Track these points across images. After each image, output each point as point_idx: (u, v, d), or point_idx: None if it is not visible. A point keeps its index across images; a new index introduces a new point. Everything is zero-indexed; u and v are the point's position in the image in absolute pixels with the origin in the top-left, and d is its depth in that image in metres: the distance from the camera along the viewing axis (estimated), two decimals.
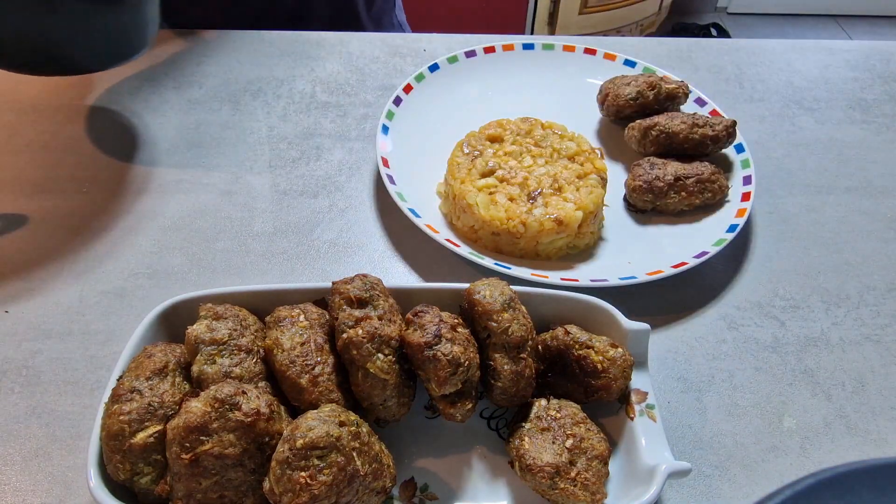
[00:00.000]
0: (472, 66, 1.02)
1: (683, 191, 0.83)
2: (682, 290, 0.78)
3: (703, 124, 0.88)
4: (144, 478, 0.52)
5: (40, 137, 0.92)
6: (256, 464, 0.52)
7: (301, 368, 0.56)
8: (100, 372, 0.68)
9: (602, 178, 0.83)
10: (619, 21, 2.98)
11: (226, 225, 0.83)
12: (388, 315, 0.59)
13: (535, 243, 0.78)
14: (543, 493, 0.56)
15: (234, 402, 0.51)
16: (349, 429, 0.51)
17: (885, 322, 0.76)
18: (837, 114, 1.04)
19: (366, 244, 0.82)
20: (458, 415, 0.57)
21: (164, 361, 0.56)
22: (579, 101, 1.00)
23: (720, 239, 0.79)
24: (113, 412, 0.53)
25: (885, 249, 0.84)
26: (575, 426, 0.58)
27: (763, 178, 0.92)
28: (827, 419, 0.68)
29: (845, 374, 0.71)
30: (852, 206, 0.90)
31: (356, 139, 0.95)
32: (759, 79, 1.10)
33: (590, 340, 0.61)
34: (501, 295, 0.60)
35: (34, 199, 0.84)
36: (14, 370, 0.68)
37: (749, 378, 0.71)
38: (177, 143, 0.93)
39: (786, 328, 0.75)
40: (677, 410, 0.68)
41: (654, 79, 0.94)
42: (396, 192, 0.81)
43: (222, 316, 0.59)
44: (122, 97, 0.99)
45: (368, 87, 1.03)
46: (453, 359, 0.55)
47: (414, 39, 1.13)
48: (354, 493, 0.51)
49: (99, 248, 0.79)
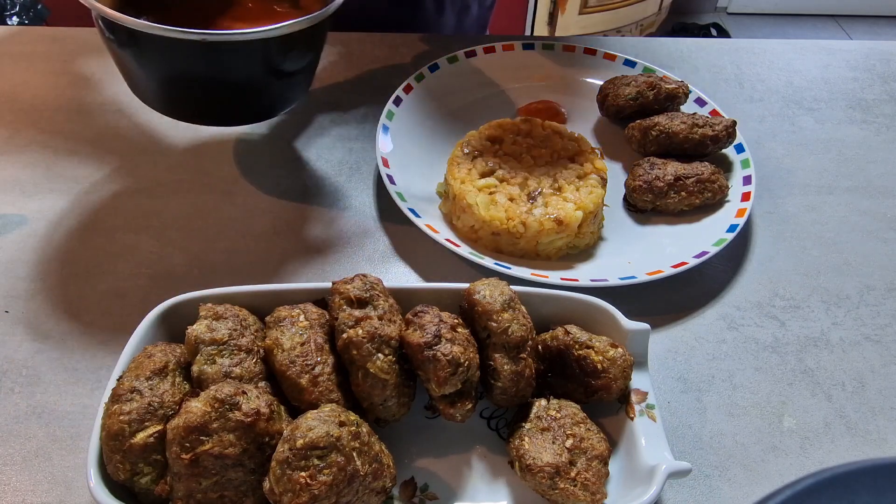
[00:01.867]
0: (472, 66, 1.02)
1: (683, 191, 0.83)
2: (682, 290, 0.78)
3: (703, 124, 0.88)
4: (144, 478, 0.52)
5: (40, 137, 0.92)
6: (256, 464, 0.52)
7: (301, 368, 0.56)
8: (100, 372, 0.68)
9: (602, 178, 0.83)
10: (619, 21, 2.98)
11: (226, 225, 0.83)
12: (388, 315, 0.59)
13: (535, 243, 0.78)
14: (543, 493, 0.56)
15: (234, 402, 0.51)
16: (349, 429, 0.51)
17: (885, 322, 0.76)
18: (837, 114, 1.04)
19: (366, 244, 0.82)
20: (458, 415, 0.57)
21: (164, 361, 0.56)
22: (579, 101, 1.00)
23: (720, 239, 0.79)
24: (113, 412, 0.53)
25: (885, 249, 0.84)
26: (575, 426, 0.58)
27: (763, 178, 0.92)
28: (827, 419, 0.68)
29: (845, 374, 0.71)
30: (852, 206, 0.90)
31: (356, 139, 0.95)
32: (759, 79, 1.10)
33: (590, 340, 0.61)
34: (501, 295, 0.60)
35: (34, 199, 0.84)
36: (14, 370, 0.68)
37: (749, 378, 0.71)
38: (177, 144, 0.93)
39: (786, 328, 0.75)
40: (677, 410, 0.68)
41: (654, 79, 0.94)
42: (396, 192, 0.81)
43: (222, 316, 0.59)
44: (122, 97, 0.98)
45: (368, 87, 1.03)
46: (453, 359, 0.55)
47: (414, 39, 1.13)
48: (354, 493, 0.51)
49: (99, 248, 0.79)
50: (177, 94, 0.75)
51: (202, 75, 0.72)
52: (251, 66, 0.73)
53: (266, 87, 0.77)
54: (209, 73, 0.72)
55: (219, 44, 0.68)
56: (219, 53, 0.70)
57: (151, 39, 0.67)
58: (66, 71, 1.02)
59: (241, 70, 0.73)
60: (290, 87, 0.79)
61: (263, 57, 0.72)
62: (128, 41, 0.70)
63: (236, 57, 0.71)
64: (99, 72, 1.02)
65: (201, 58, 0.70)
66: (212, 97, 0.76)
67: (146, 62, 0.72)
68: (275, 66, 0.74)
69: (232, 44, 0.69)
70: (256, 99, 0.78)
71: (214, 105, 0.77)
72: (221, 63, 0.71)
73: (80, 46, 1.06)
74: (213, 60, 0.71)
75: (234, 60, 0.71)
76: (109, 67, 1.02)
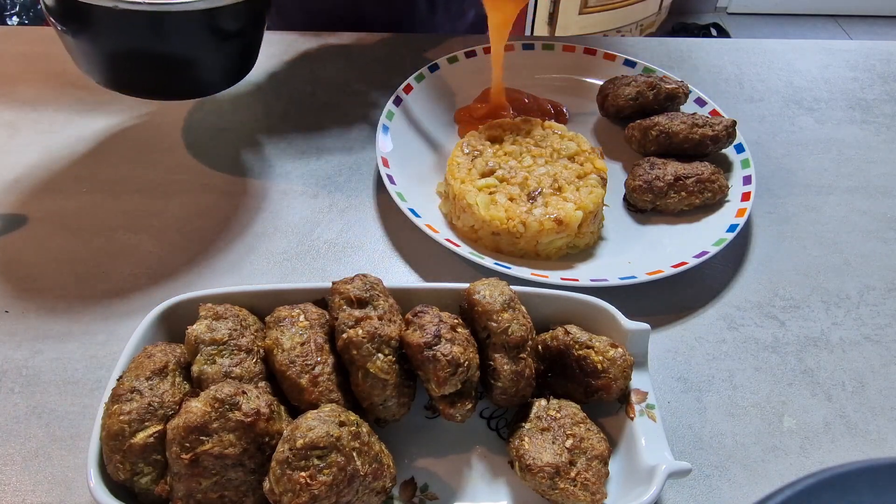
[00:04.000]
0: (472, 66, 1.02)
1: (683, 191, 0.83)
2: (682, 290, 0.78)
3: (703, 124, 0.88)
4: (144, 478, 0.52)
5: (40, 137, 0.92)
6: (256, 464, 0.52)
7: (301, 368, 0.56)
8: (100, 372, 0.68)
9: (602, 178, 0.83)
10: (619, 21, 2.98)
11: (226, 225, 0.83)
12: (388, 315, 0.59)
13: (535, 243, 0.78)
14: (543, 493, 0.56)
15: (234, 402, 0.51)
16: (349, 429, 0.51)
17: (885, 322, 0.76)
18: (837, 114, 1.04)
19: (366, 244, 0.82)
20: (458, 415, 0.57)
21: (164, 361, 0.56)
22: (579, 101, 1.00)
23: (720, 239, 0.79)
24: (113, 412, 0.53)
25: (885, 249, 0.84)
26: (575, 426, 0.58)
27: (763, 178, 0.92)
28: (827, 419, 0.68)
29: (845, 374, 0.71)
30: (852, 206, 0.90)
31: (356, 139, 0.95)
32: (759, 79, 1.10)
33: (590, 340, 0.61)
34: (501, 295, 0.60)
35: (34, 199, 0.84)
36: (14, 370, 0.68)
37: (749, 378, 0.71)
38: (177, 143, 0.93)
39: (786, 328, 0.75)
40: (677, 410, 0.68)
41: (654, 79, 0.94)
42: (396, 192, 0.81)
43: (222, 316, 0.59)
44: (121, 97, 0.98)
45: (368, 87, 1.03)
46: (453, 359, 0.55)
47: (414, 39, 1.13)
48: (354, 493, 0.51)
49: (99, 248, 0.79)
50: (120, 67, 0.78)
51: (145, 47, 0.75)
52: (192, 37, 0.76)
53: (206, 60, 0.80)
54: (152, 46, 0.75)
55: (162, 14, 0.71)
56: (162, 24, 0.73)
57: (96, 11, 0.70)
58: (66, 71, 1.02)
59: (182, 42, 0.76)
60: (229, 61, 0.83)
61: (206, 28, 0.76)
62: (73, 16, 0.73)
63: (180, 28, 0.74)
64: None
65: (146, 29, 0.73)
66: (154, 69, 0.78)
67: (92, 36, 0.75)
68: (216, 39, 0.78)
69: (175, 14, 0.72)
70: (196, 73, 0.81)
71: (156, 77, 0.80)
72: (164, 35, 0.74)
73: None
74: (157, 32, 0.74)
75: (178, 32, 0.75)
76: None
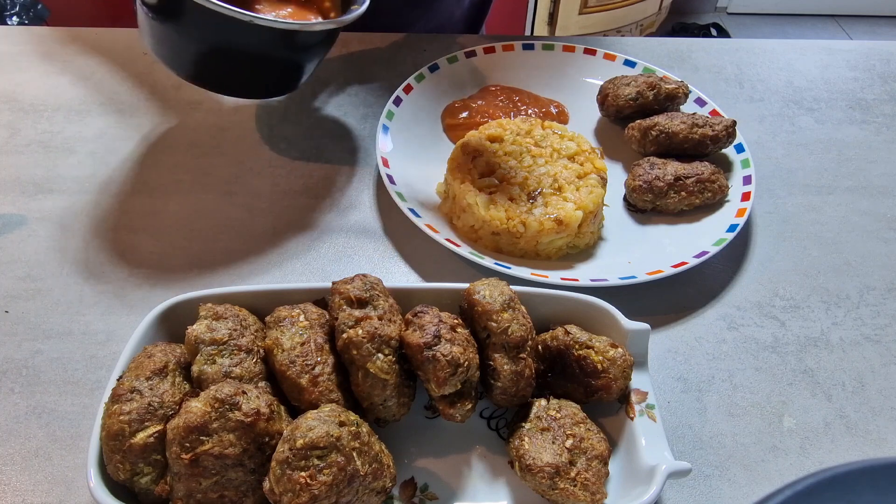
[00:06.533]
0: (472, 66, 1.02)
1: (683, 191, 0.83)
2: (682, 290, 0.78)
3: (702, 124, 0.88)
4: (144, 478, 0.52)
5: (40, 137, 0.92)
6: (256, 464, 0.52)
7: (301, 368, 0.56)
8: (100, 372, 0.68)
9: (602, 178, 0.83)
10: (619, 21, 2.97)
11: (226, 225, 0.83)
12: (388, 315, 0.59)
13: (535, 243, 0.78)
14: (543, 493, 0.56)
15: (234, 402, 0.51)
16: (349, 429, 0.51)
17: (885, 322, 0.76)
18: (837, 114, 1.04)
19: (366, 244, 0.82)
20: (458, 415, 0.57)
21: (164, 361, 0.56)
22: (579, 101, 1.00)
23: (720, 239, 0.79)
24: (113, 412, 0.53)
25: (885, 249, 0.84)
26: (575, 426, 0.58)
27: (763, 178, 0.92)
28: (827, 419, 0.68)
29: (845, 374, 0.71)
30: (852, 206, 0.90)
31: (356, 139, 0.95)
32: (759, 79, 1.10)
33: (590, 340, 0.61)
34: (501, 295, 0.60)
35: (34, 199, 0.84)
36: (14, 370, 0.68)
37: (749, 378, 0.71)
38: (177, 143, 0.93)
39: (786, 328, 0.75)
40: (677, 410, 0.68)
41: (654, 79, 0.94)
42: (396, 192, 0.81)
43: (222, 316, 0.59)
44: (121, 97, 0.99)
45: (368, 87, 1.03)
46: (453, 359, 0.55)
47: (414, 39, 1.13)
48: (354, 493, 0.51)
49: (99, 248, 0.79)
50: (211, 66, 0.80)
51: (247, 53, 0.78)
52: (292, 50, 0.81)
53: (293, 69, 0.84)
54: (253, 52, 0.78)
55: (290, 32, 0.75)
56: (275, 37, 0.75)
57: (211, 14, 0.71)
58: (66, 71, 1.02)
59: (283, 52, 0.80)
60: (302, 71, 0.85)
61: (316, 44, 0.81)
62: (179, 12, 0.74)
63: (286, 42, 0.78)
64: (99, 72, 1.02)
65: (256, 38, 0.75)
66: (242, 72, 0.82)
67: (194, 34, 0.76)
68: (307, 53, 0.82)
69: (301, 33, 0.77)
70: (278, 78, 0.84)
71: (241, 79, 0.83)
72: (268, 44, 0.77)
73: (80, 46, 1.06)
74: (266, 42, 0.76)
75: (284, 44, 0.78)
76: (109, 67, 1.03)
